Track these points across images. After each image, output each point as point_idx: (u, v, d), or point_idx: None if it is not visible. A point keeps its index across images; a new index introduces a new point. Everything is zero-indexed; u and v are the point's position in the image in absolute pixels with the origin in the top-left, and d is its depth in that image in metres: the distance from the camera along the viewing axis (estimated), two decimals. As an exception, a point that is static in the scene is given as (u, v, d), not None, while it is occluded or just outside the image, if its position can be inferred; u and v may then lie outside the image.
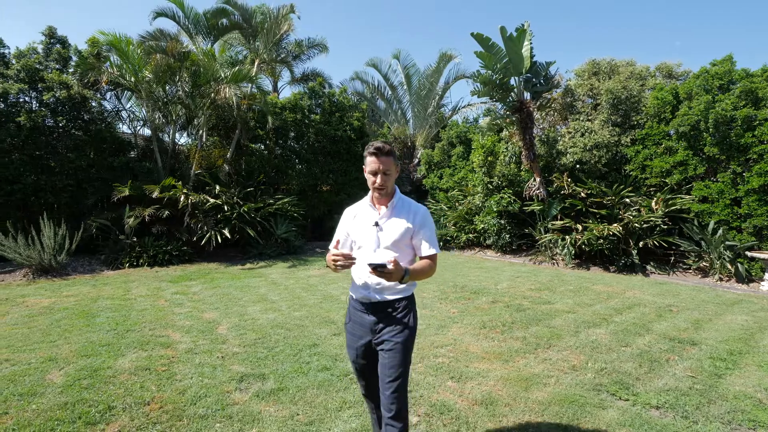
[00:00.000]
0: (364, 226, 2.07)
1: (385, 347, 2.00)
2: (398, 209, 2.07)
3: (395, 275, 1.77)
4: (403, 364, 1.98)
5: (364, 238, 2.07)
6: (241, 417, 2.71)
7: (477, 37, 8.39)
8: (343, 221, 2.22)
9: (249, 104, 10.17)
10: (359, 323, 2.11)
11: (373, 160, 1.97)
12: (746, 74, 7.90)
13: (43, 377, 3.24)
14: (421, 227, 2.04)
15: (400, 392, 1.97)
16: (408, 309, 2.05)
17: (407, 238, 2.03)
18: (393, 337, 1.99)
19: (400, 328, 2.00)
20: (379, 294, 2.03)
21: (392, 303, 2.03)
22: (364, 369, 2.16)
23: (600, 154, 9.08)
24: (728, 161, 7.94)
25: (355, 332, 2.14)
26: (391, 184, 2.03)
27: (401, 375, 1.97)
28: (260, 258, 9.40)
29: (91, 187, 8.99)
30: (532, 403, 2.98)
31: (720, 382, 3.39)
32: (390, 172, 1.99)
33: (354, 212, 2.17)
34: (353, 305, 2.16)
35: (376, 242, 2.03)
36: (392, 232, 2.02)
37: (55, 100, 8.55)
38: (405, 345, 1.99)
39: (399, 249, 2.02)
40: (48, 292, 6.24)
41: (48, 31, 9.39)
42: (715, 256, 7.69)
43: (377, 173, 1.98)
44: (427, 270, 2.00)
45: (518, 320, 4.94)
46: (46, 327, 4.51)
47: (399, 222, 2.03)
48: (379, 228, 2.04)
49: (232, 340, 4.12)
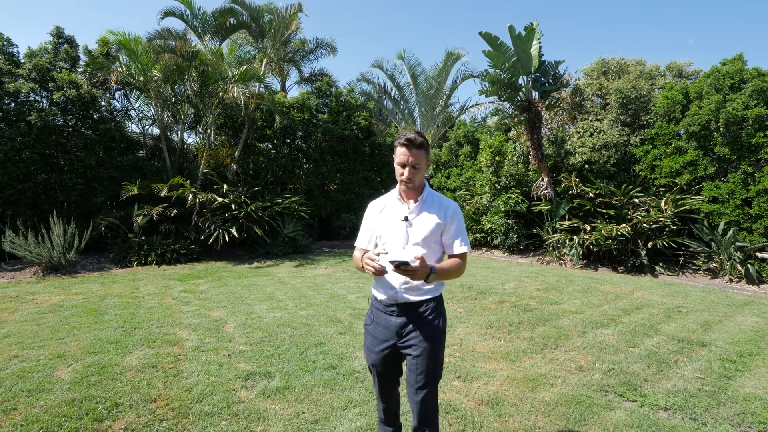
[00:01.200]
0: (392, 221, 1.95)
1: (413, 352, 1.88)
2: (428, 204, 1.96)
3: (420, 274, 1.67)
4: (433, 370, 1.88)
5: (392, 234, 1.94)
6: (246, 415, 2.71)
7: (485, 36, 8.35)
8: (369, 216, 2.09)
9: (257, 104, 10.22)
10: (383, 326, 1.97)
11: (403, 152, 1.87)
12: (758, 73, 7.77)
13: (51, 374, 3.28)
14: (452, 223, 1.93)
15: (430, 399, 1.88)
16: (437, 311, 1.93)
17: (437, 235, 1.92)
18: (421, 342, 1.87)
19: (429, 332, 1.88)
20: (407, 294, 1.90)
21: (420, 304, 1.91)
22: (382, 375, 2.04)
23: (609, 154, 8.99)
24: (739, 161, 7.82)
25: (377, 335, 2.00)
26: (419, 178, 1.92)
27: (431, 381, 1.87)
28: (267, 257, 9.44)
29: (100, 186, 9.08)
30: (538, 404, 2.95)
31: (729, 384, 3.34)
32: (420, 165, 1.88)
33: (380, 206, 2.05)
34: (377, 306, 2.02)
35: (405, 238, 1.92)
36: (422, 227, 1.91)
37: (65, 99, 8.65)
38: (434, 350, 1.88)
39: (428, 246, 1.91)
40: (57, 289, 6.31)
41: (56, 31, 9.50)
42: (725, 257, 7.59)
43: (405, 165, 1.87)
44: (456, 269, 1.90)
45: (525, 320, 4.91)
46: (55, 324, 4.56)
47: (429, 217, 1.92)
48: (409, 223, 1.92)
49: (239, 339, 4.14)
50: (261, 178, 10.82)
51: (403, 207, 1.97)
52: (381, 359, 1.99)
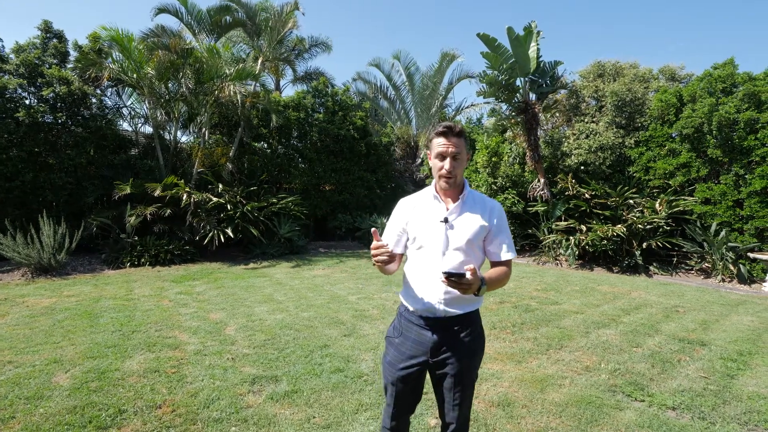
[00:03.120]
0: (430, 222, 1.72)
1: (450, 371, 1.71)
2: (470, 204, 1.75)
3: (473, 287, 1.48)
4: (470, 387, 1.76)
5: (430, 236, 1.71)
6: (256, 420, 2.66)
7: (483, 37, 8.36)
8: (399, 214, 1.83)
9: (253, 102, 10.10)
10: (415, 340, 1.75)
11: (441, 142, 1.66)
12: (749, 77, 7.93)
13: (49, 380, 3.17)
14: (497, 226, 1.75)
15: (464, 416, 1.78)
16: (476, 324, 1.77)
17: (480, 239, 1.72)
18: (461, 360, 1.70)
19: (470, 349, 1.72)
20: (447, 306, 1.69)
21: (461, 318, 1.71)
22: (401, 396, 1.79)
23: (604, 156, 9.09)
24: (731, 163, 7.97)
25: (405, 349, 1.76)
26: (460, 172, 1.71)
27: (468, 396, 1.76)
28: (263, 258, 9.33)
29: (92, 185, 8.88)
30: (549, 405, 2.95)
31: (733, 383, 3.38)
32: (461, 157, 1.67)
33: (413, 204, 1.81)
34: (408, 318, 1.78)
35: (445, 243, 1.69)
36: (465, 230, 1.69)
37: (55, 95, 8.44)
38: (473, 367, 1.74)
39: (471, 251, 1.70)
40: (48, 291, 6.15)
41: (44, 26, 9.22)
42: (717, 258, 7.72)
43: (446, 156, 1.66)
44: (504, 279, 1.72)
45: (527, 321, 4.92)
46: (49, 328, 4.43)
47: (473, 219, 1.71)
48: (449, 225, 1.70)
49: (241, 341, 4.07)
50: (256, 178, 10.71)
51: (440, 206, 1.74)
52: (404, 377, 1.75)
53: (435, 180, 1.78)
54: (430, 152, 1.74)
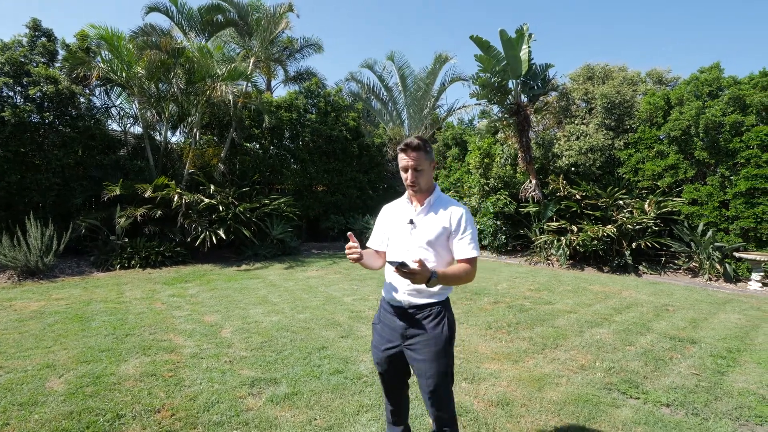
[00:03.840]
0: (399, 223, 1.99)
1: (418, 357, 1.88)
2: (435, 206, 1.95)
3: (420, 277, 1.63)
4: (442, 373, 1.87)
5: (397, 235, 1.98)
6: (257, 423, 2.64)
7: (476, 40, 8.43)
8: (381, 218, 2.14)
9: (245, 102, 10.02)
10: (389, 326, 1.99)
11: (402, 157, 1.89)
12: (734, 81, 8.13)
13: (43, 385, 3.11)
14: (458, 227, 1.89)
15: (443, 402, 1.89)
16: (440, 315, 1.90)
17: (443, 239, 1.90)
18: (426, 347, 1.87)
19: (433, 337, 1.87)
20: (410, 297, 1.91)
21: (423, 308, 1.90)
22: (386, 373, 2.07)
23: (595, 157, 9.23)
24: (717, 165, 8.16)
25: (383, 334, 2.03)
26: (424, 180, 1.91)
27: (440, 384, 1.87)
28: (255, 259, 9.26)
29: (80, 186, 8.71)
30: (547, 403, 2.99)
31: (723, 380, 3.47)
32: (421, 167, 1.88)
33: (391, 208, 2.10)
34: (383, 306, 2.06)
35: (409, 241, 1.93)
36: (427, 231, 1.90)
37: (42, 95, 8.26)
38: (439, 354, 1.86)
39: (435, 250, 1.90)
40: (36, 295, 6.02)
41: (32, 24, 9.04)
42: (704, 257, 7.89)
43: (408, 169, 1.89)
44: (463, 275, 1.84)
45: (522, 321, 4.97)
46: (39, 332, 4.34)
47: (435, 220, 1.91)
48: (414, 225, 1.93)
49: (238, 344, 4.04)
50: (248, 179, 10.63)
51: (410, 209, 1.99)
52: (386, 359, 2.02)
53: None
54: (399, 164, 1.96)
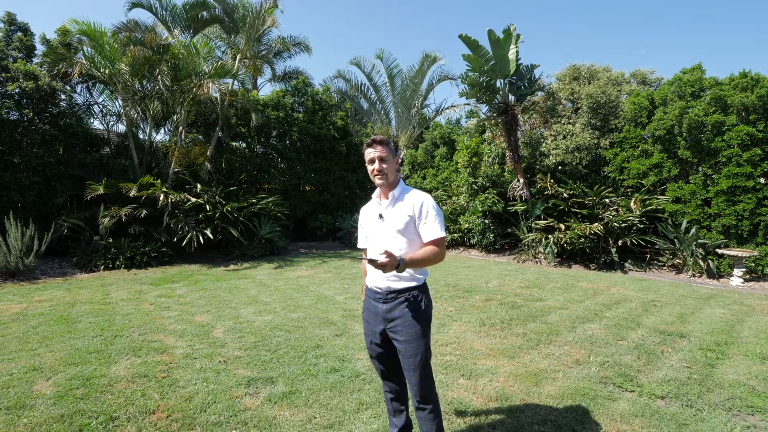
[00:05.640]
0: (372, 220, 2.19)
1: (400, 337, 2.05)
2: (399, 198, 2.12)
3: (389, 266, 1.80)
4: (421, 352, 2.04)
5: (372, 231, 2.18)
6: (256, 423, 2.59)
7: (464, 39, 8.47)
8: (359, 220, 2.34)
9: (231, 101, 9.87)
10: (373, 312, 2.16)
11: (369, 151, 2.08)
12: (715, 82, 8.35)
13: (30, 388, 3.00)
14: (421, 213, 2.05)
15: (424, 379, 2.06)
16: (418, 298, 2.07)
17: (411, 226, 2.06)
18: (407, 328, 2.03)
19: (412, 318, 2.03)
20: (389, 282, 2.07)
21: (402, 292, 2.06)
22: (379, 356, 2.22)
23: (581, 156, 9.38)
24: (699, 164, 8.37)
25: (369, 320, 2.20)
26: (390, 172, 2.10)
27: (421, 362, 2.04)
28: (243, 259, 9.13)
29: (61, 185, 8.46)
30: (545, 398, 3.01)
31: (714, 372, 3.55)
32: (386, 158, 2.07)
33: (366, 209, 2.30)
34: (367, 293, 2.22)
35: (382, 233, 2.11)
36: (395, 222, 2.07)
37: (21, 91, 7.99)
38: (418, 333, 2.03)
39: (406, 237, 2.06)
40: (17, 297, 5.82)
41: (7, 18, 8.73)
42: (688, 254, 8.09)
43: (374, 161, 2.06)
44: (431, 256, 1.98)
45: (515, 317, 5.01)
46: (22, 334, 4.19)
47: (400, 211, 2.08)
48: (382, 219, 2.12)
49: (231, 344, 3.96)
50: (235, 178, 10.48)
51: (378, 205, 2.18)
52: (375, 343, 2.18)
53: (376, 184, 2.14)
54: (365, 159, 2.13)
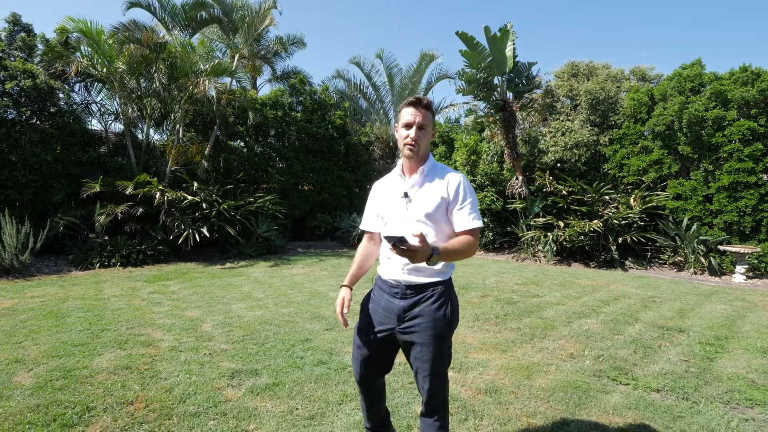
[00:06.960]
0: (392, 198, 1.81)
1: (417, 339, 1.72)
2: (431, 176, 1.77)
3: (420, 254, 1.43)
4: (440, 358, 1.73)
5: (391, 211, 1.80)
6: (236, 413, 2.52)
7: (462, 35, 8.43)
8: (371, 197, 1.95)
9: (229, 99, 9.86)
10: (384, 307, 1.81)
11: (410, 111, 1.70)
12: (715, 77, 8.26)
13: (10, 379, 2.95)
14: (457, 196, 1.72)
15: (439, 387, 1.76)
16: (445, 296, 1.74)
17: (442, 211, 1.72)
18: (427, 329, 1.70)
19: (434, 320, 1.70)
20: (410, 276, 1.73)
21: (425, 287, 1.73)
22: (369, 359, 1.87)
23: (580, 153, 9.29)
24: (700, 160, 8.27)
25: (375, 316, 1.84)
26: (424, 144, 1.74)
27: (439, 370, 1.74)
28: (240, 257, 9.08)
29: (58, 183, 8.44)
30: (536, 390, 2.93)
31: (712, 365, 3.45)
32: (426, 128, 1.72)
33: (382, 184, 1.93)
34: (380, 285, 1.87)
35: (405, 216, 1.75)
36: (424, 203, 1.72)
37: (19, 89, 8.00)
38: (440, 338, 1.71)
39: (434, 224, 1.73)
40: (9, 293, 5.78)
41: (12, 18, 8.79)
42: (689, 251, 7.97)
43: (412, 126, 1.70)
44: (466, 248, 1.65)
45: (510, 312, 4.93)
46: (9, 328, 4.14)
47: (432, 191, 1.73)
48: (408, 199, 1.75)
49: (219, 337, 3.90)
50: (233, 177, 10.45)
51: (403, 182, 1.81)
52: (372, 342, 1.84)
53: (400, 152, 1.79)
54: (398, 123, 1.77)
